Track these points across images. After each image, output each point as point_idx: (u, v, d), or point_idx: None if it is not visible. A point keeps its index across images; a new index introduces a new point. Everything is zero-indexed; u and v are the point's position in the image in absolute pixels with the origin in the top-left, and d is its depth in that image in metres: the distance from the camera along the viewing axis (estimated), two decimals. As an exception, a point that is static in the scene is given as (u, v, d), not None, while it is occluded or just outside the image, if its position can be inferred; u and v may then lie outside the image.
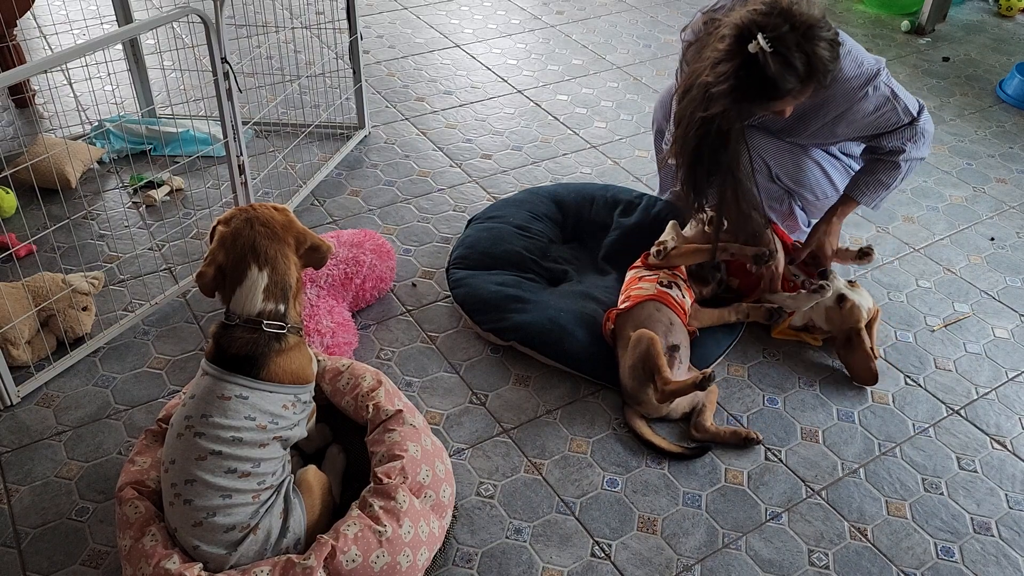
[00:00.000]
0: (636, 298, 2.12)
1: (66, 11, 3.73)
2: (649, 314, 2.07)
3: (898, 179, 2.15)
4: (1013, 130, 3.34)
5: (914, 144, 2.10)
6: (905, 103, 2.06)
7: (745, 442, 1.97)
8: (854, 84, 2.00)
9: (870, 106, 2.03)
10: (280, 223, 1.61)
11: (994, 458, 1.98)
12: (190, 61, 3.45)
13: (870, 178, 2.16)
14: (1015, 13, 4.43)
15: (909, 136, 2.09)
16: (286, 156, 2.91)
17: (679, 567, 1.72)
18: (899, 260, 2.60)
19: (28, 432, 1.95)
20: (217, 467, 1.48)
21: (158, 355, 2.16)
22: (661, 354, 1.96)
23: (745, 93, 1.83)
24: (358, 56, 2.90)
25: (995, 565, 1.75)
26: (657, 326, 2.04)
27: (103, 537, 1.73)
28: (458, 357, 2.19)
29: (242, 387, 1.53)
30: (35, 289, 2.11)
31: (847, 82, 1.99)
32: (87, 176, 2.76)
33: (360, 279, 2.25)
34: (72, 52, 1.85)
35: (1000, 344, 2.31)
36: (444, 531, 1.70)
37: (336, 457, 1.81)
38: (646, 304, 2.09)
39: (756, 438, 1.97)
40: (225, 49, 2.12)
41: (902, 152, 2.10)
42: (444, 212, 2.72)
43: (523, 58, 3.73)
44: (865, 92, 2.01)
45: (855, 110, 2.04)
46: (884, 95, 2.03)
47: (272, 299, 1.57)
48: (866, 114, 2.05)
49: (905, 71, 3.75)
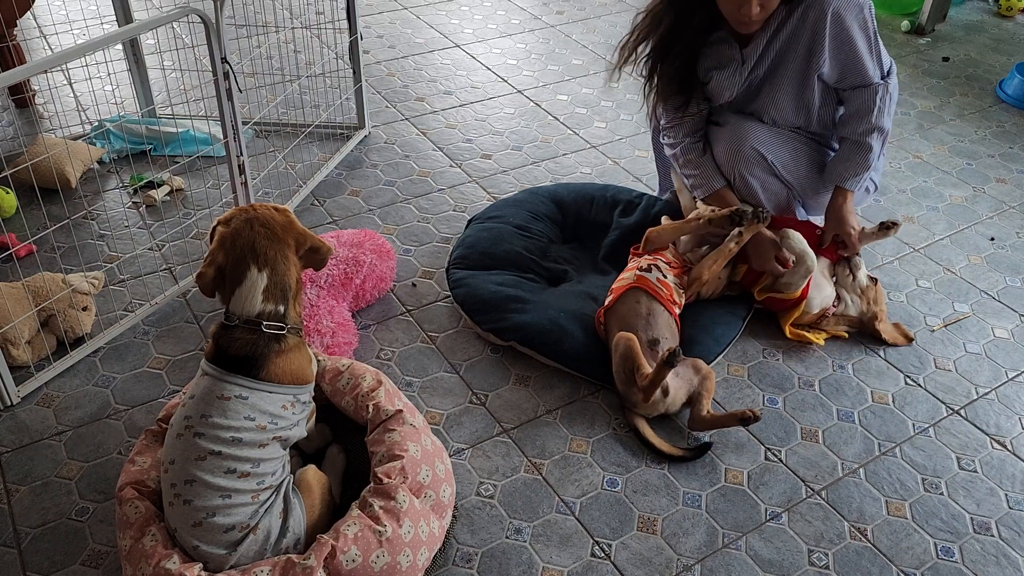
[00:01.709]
0: (617, 290, 2.13)
1: (66, 11, 3.73)
2: (629, 307, 2.08)
3: (874, 158, 2.23)
4: (1013, 130, 3.34)
5: (881, 112, 2.17)
6: (882, 49, 2.14)
7: (744, 421, 1.93)
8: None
9: (855, 24, 2.07)
10: (280, 224, 1.61)
11: (994, 458, 1.99)
12: (190, 61, 3.45)
13: (849, 164, 2.23)
14: (1015, 13, 4.43)
15: (880, 97, 2.15)
16: (286, 156, 2.91)
17: (679, 567, 1.72)
18: (899, 260, 2.60)
19: (28, 432, 1.95)
20: (217, 467, 1.48)
21: (158, 355, 2.16)
22: (640, 353, 1.96)
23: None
24: (358, 56, 2.90)
25: (995, 565, 1.75)
26: (637, 320, 2.04)
27: (103, 537, 1.73)
28: (458, 357, 2.19)
29: (242, 387, 1.53)
30: (35, 289, 2.11)
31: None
32: (87, 176, 2.76)
33: (360, 279, 2.25)
34: (72, 52, 1.85)
35: (1000, 344, 2.31)
36: (444, 531, 1.70)
37: (336, 457, 1.81)
38: (626, 297, 2.10)
39: (755, 415, 1.92)
40: (225, 49, 2.12)
41: (871, 132, 2.18)
42: (444, 212, 2.72)
43: (523, 58, 3.73)
44: (850, 1, 2.05)
45: (840, 24, 2.06)
46: (867, 18, 2.08)
47: (272, 300, 1.57)
48: (848, 38, 2.08)
49: (905, 71, 3.75)
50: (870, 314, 2.28)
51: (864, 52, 2.11)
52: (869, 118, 2.17)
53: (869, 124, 2.17)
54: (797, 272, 2.18)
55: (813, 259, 2.18)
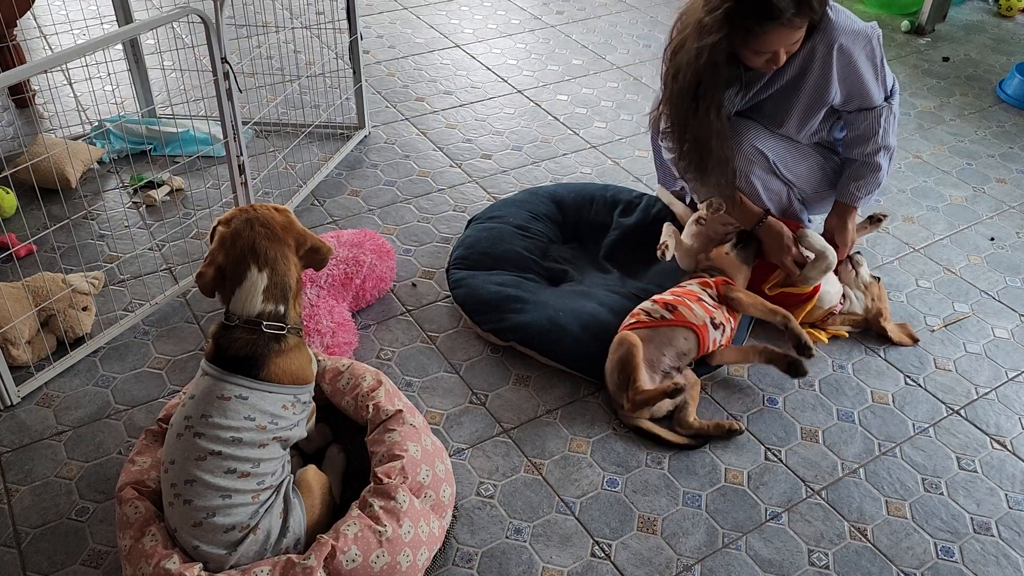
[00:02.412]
0: (681, 318, 2.05)
1: (66, 11, 3.73)
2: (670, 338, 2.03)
3: (883, 176, 2.25)
4: (1013, 130, 3.34)
5: (887, 132, 2.18)
6: (887, 71, 2.15)
7: (729, 434, 1.97)
8: (849, 27, 2.04)
9: (862, 55, 2.07)
10: (280, 224, 1.61)
11: (994, 458, 1.99)
12: (190, 61, 3.45)
13: (860, 183, 2.24)
14: (1015, 13, 4.43)
15: (885, 119, 2.16)
16: (286, 156, 2.91)
17: (679, 567, 1.72)
18: (899, 260, 2.60)
19: (28, 432, 1.95)
20: (217, 467, 1.48)
21: (158, 355, 2.16)
22: (639, 366, 1.94)
23: (740, 13, 1.91)
24: (358, 56, 2.90)
25: (995, 565, 1.75)
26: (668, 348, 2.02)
27: (103, 537, 1.73)
28: (458, 357, 2.19)
29: (242, 387, 1.53)
30: (35, 289, 2.11)
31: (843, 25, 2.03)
32: (87, 176, 2.76)
33: (360, 279, 2.25)
34: (72, 52, 1.85)
35: (1000, 344, 2.31)
36: (444, 531, 1.70)
37: (336, 457, 1.81)
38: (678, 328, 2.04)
39: (739, 429, 1.98)
40: (225, 49, 2.12)
41: (878, 151, 2.19)
42: (444, 212, 2.72)
43: (523, 58, 3.73)
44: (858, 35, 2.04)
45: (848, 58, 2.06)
46: (874, 48, 2.08)
47: (272, 300, 1.57)
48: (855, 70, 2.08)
49: (905, 71, 3.75)
50: (875, 310, 2.29)
51: (870, 80, 2.11)
52: (876, 139, 2.18)
53: (876, 145, 2.19)
54: (817, 267, 2.19)
55: (834, 254, 2.19)
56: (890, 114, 2.18)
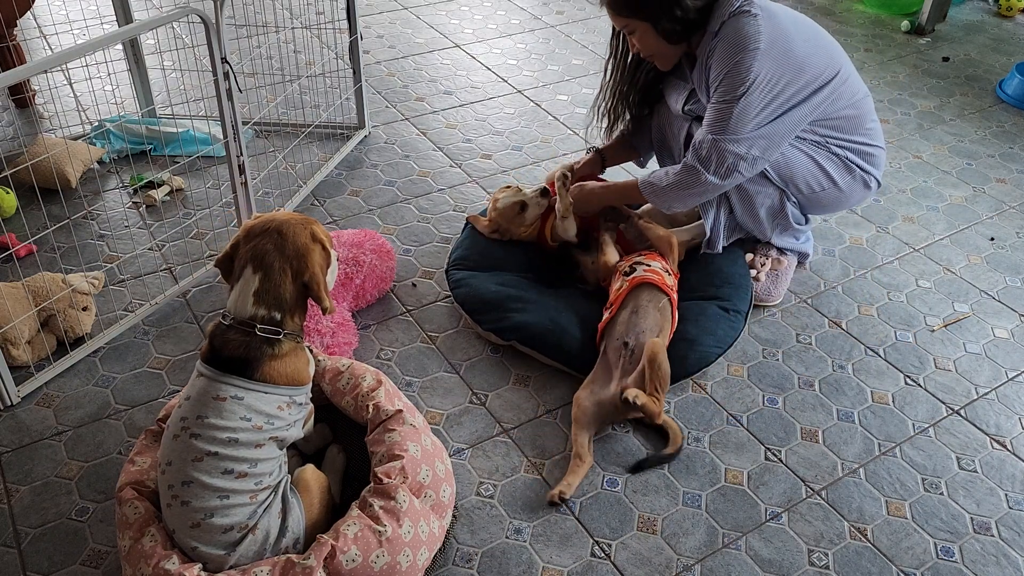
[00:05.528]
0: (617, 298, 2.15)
1: (66, 11, 3.74)
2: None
3: (687, 194, 2.18)
4: (1013, 130, 3.34)
5: (709, 164, 2.09)
6: (748, 117, 2.03)
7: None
8: (735, 32, 2.02)
9: (725, 55, 2.02)
10: (295, 244, 1.58)
11: (994, 458, 1.99)
12: (190, 61, 3.45)
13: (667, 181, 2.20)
14: (1015, 13, 4.43)
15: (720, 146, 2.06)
16: (286, 156, 2.91)
17: (679, 567, 1.72)
18: (899, 260, 2.60)
19: (28, 432, 1.95)
20: (214, 468, 1.48)
21: (158, 355, 2.16)
22: (578, 433, 1.92)
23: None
24: (358, 56, 2.91)
25: (995, 565, 1.75)
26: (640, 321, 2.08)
27: (103, 537, 1.73)
28: (458, 357, 2.19)
29: (237, 388, 1.52)
30: (35, 289, 2.11)
31: (731, 29, 2.02)
32: (87, 176, 2.77)
33: (360, 279, 2.25)
34: (72, 52, 1.85)
35: (1000, 344, 2.31)
36: (444, 531, 1.70)
37: (336, 457, 1.81)
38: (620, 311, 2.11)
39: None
40: (225, 49, 2.12)
41: (704, 171, 2.11)
42: (444, 212, 2.72)
43: (523, 58, 3.73)
44: (736, 42, 2.00)
45: (715, 51, 2.05)
46: (750, 67, 1.99)
47: (264, 305, 1.56)
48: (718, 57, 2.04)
49: (905, 71, 3.76)
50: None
51: (721, 93, 2.04)
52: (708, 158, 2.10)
53: (689, 160, 2.13)
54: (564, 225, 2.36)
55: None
56: (712, 151, 2.07)
